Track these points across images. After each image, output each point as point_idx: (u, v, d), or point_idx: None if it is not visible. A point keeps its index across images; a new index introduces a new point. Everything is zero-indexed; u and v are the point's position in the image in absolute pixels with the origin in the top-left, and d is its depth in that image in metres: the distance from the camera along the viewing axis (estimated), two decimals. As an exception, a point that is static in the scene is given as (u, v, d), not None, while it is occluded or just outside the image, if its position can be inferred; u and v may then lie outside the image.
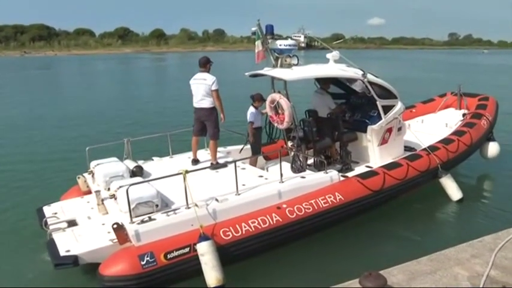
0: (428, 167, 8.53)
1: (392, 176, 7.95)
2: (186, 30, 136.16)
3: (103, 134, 14.62)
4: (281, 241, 6.57)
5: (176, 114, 18.51)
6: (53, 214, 6.94)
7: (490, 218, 8.10)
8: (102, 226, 6.45)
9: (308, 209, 6.85)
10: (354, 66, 8.82)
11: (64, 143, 14.09)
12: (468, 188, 9.36)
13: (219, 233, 6.06)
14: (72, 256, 5.67)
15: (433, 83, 28.98)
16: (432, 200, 8.73)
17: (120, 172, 7.33)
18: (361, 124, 9.06)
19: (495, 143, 10.58)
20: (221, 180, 7.33)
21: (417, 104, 12.52)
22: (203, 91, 7.92)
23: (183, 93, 13.31)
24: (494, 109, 11.12)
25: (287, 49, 8.22)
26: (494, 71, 47.17)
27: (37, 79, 40.37)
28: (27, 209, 8.00)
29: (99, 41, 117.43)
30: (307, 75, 8.27)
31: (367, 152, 9.16)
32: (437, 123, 11.30)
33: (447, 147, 9.08)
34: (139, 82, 37.62)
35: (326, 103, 8.92)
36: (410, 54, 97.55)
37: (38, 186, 9.94)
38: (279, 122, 8.40)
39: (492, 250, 5.23)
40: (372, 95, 8.65)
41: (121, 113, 20.30)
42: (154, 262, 5.56)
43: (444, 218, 8.36)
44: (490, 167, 10.92)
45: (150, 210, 6.06)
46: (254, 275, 6.23)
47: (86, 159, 7.88)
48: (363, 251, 6.86)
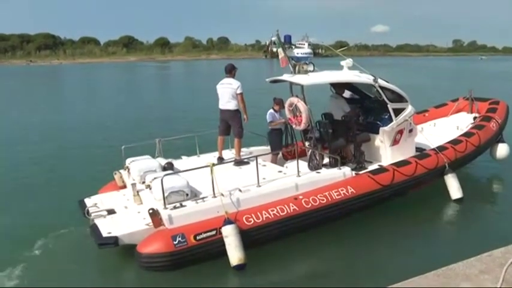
0: (436, 165, 9.11)
1: (401, 173, 8.59)
2: (190, 39, 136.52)
3: (132, 136, 15.57)
4: (297, 229, 7.29)
5: (200, 117, 19.52)
6: (93, 204, 7.82)
7: (497, 224, 8.38)
8: (138, 214, 7.29)
9: (322, 200, 7.58)
10: (366, 72, 9.50)
11: (95, 145, 15.17)
12: (476, 190, 9.90)
13: (242, 219, 6.82)
14: (113, 237, 6.51)
15: (436, 89, 29.93)
16: (438, 206, 9.11)
17: (153, 167, 8.20)
18: (373, 126, 9.69)
19: (504, 144, 11.08)
20: (244, 175, 8.11)
21: (430, 108, 13.07)
22: (229, 94, 8.83)
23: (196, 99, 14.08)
24: (504, 112, 11.62)
25: (304, 57, 9.01)
26: (495, 77, 47.68)
27: (48, 87, 42.11)
28: (70, 201, 8.86)
29: (104, 50, 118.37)
30: (322, 81, 9.03)
31: (379, 152, 9.75)
32: (449, 127, 11.83)
33: (455, 147, 9.65)
34: (158, 89, 38.67)
35: (341, 106, 9.60)
36: (414, 61, 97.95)
37: (77, 182, 10.86)
38: (297, 123, 9.12)
39: (502, 265, 4.95)
40: (383, 98, 9.30)
41: (144, 117, 21.42)
42: (185, 242, 6.36)
43: (450, 224, 8.69)
44: (500, 168, 11.39)
45: (181, 198, 6.87)
46: (272, 258, 6.91)
47: (120, 157, 8.76)
48: (369, 259, 7.03)
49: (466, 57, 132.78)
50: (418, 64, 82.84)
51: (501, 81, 41.38)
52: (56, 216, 8.61)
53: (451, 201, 9.07)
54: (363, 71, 9.55)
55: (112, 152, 13.61)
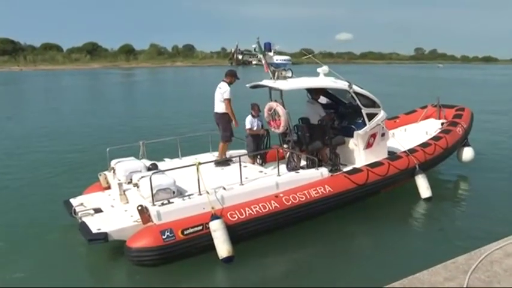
0: (407, 166, 9.69)
1: (374, 173, 9.11)
2: (155, 46, 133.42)
3: (106, 142, 15.60)
4: (279, 224, 7.69)
5: (171, 123, 19.67)
6: (79, 204, 8.05)
7: (462, 222, 8.92)
8: (125, 212, 7.56)
9: (302, 198, 8.01)
10: (341, 79, 10.02)
11: (68, 151, 15.16)
12: (443, 190, 10.56)
13: (227, 215, 7.16)
14: (103, 233, 6.76)
15: (400, 96, 31.23)
16: (409, 205, 9.57)
17: (138, 168, 8.48)
18: (348, 130, 10.20)
19: (470, 148, 11.81)
20: (226, 175, 8.51)
21: (400, 115, 13.75)
22: (218, 98, 9.40)
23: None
24: (469, 118, 12.38)
25: (283, 63, 9.47)
26: (451, 84, 50.94)
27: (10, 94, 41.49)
28: (54, 202, 8.99)
29: (66, 56, 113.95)
30: (300, 86, 9.51)
31: (353, 154, 10.24)
32: (418, 132, 12.48)
33: (425, 150, 10.26)
34: (124, 97, 38.37)
35: (317, 111, 10.07)
36: (377, 69, 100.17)
37: (59, 184, 10.98)
38: (275, 127, 9.55)
39: (466, 272, 5.17)
40: (357, 103, 9.82)
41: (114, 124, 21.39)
42: (173, 236, 6.66)
43: (418, 223, 8.98)
44: (465, 170, 12.09)
45: (168, 195, 7.17)
46: (255, 252, 7.27)
47: (100, 160, 9.08)
48: (344, 257, 7.37)
49: (426, 65, 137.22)
50: (382, 72, 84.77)
51: (458, 88, 44.20)
52: (41, 217, 8.79)
53: (420, 200, 9.63)
54: (338, 78, 10.06)
55: (89, 155, 13.99)
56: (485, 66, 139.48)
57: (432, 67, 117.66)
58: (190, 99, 33.48)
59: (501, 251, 5.65)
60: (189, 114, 24.01)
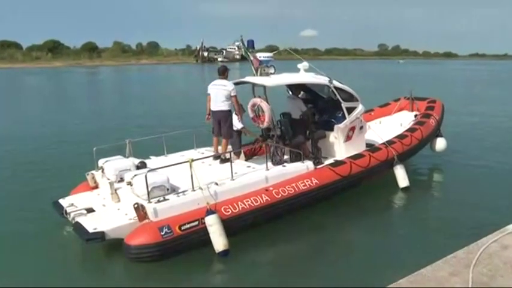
0: (387, 157, 10.10)
1: (357, 165, 9.47)
2: (119, 43, 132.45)
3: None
4: (270, 217, 7.93)
5: (141, 123, 19.64)
6: (70, 204, 8.03)
7: (438, 209, 9.38)
8: (118, 210, 7.60)
9: (290, 190, 8.27)
10: (322, 74, 10.32)
11: (59, 151, 15.05)
12: (419, 179, 11.08)
13: (221, 209, 7.33)
14: (100, 232, 6.82)
15: (368, 90, 31.86)
16: (388, 194, 9.99)
17: (128, 166, 8.52)
18: (328, 124, 10.51)
19: (442, 138, 12.37)
20: (216, 171, 8.65)
21: (375, 108, 14.19)
22: (222, 96, 9.34)
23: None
24: (440, 110, 12.93)
25: (265, 60, 9.68)
26: (413, 79, 53.42)
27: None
28: (42, 203, 8.94)
29: (26, 54, 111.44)
30: (284, 82, 9.80)
31: (334, 147, 10.56)
32: (393, 124, 12.96)
33: (402, 141, 10.70)
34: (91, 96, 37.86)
35: (298, 106, 10.33)
36: (343, 64, 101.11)
37: (45, 186, 10.81)
38: (259, 122, 9.76)
39: (468, 266, 5.19)
40: (337, 98, 10.14)
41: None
42: (171, 232, 6.79)
43: (399, 212, 9.55)
44: (439, 159, 12.71)
45: (162, 193, 7.27)
46: (250, 245, 7.47)
47: (85, 159, 9.01)
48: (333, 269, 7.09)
49: (388, 60, 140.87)
50: (347, 67, 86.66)
51: (420, 82, 46.47)
52: (31, 219, 8.72)
53: (399, 190, 10.07)
54: (318, 73, 10.36)
55: (69, 155, 13.91)
56: (446, 61, 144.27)
57: (393, 63, 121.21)
58: (164, 97, 33.65)
59: (497, 243, 5.77)
60: (165, 113, 23.99)
